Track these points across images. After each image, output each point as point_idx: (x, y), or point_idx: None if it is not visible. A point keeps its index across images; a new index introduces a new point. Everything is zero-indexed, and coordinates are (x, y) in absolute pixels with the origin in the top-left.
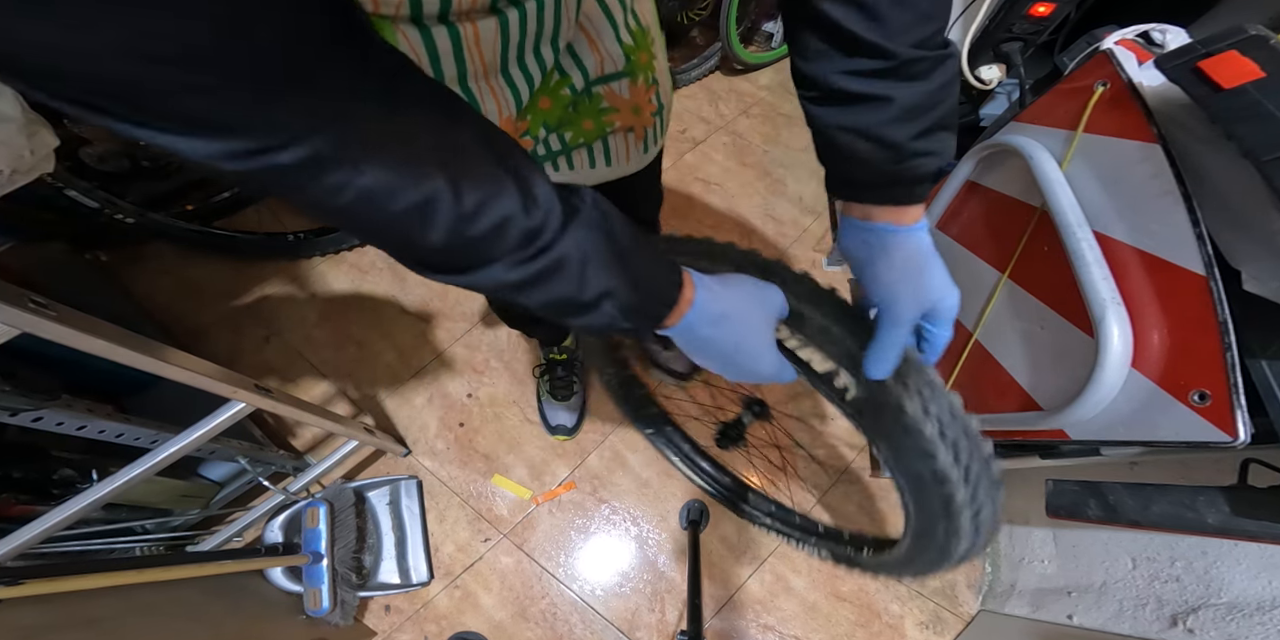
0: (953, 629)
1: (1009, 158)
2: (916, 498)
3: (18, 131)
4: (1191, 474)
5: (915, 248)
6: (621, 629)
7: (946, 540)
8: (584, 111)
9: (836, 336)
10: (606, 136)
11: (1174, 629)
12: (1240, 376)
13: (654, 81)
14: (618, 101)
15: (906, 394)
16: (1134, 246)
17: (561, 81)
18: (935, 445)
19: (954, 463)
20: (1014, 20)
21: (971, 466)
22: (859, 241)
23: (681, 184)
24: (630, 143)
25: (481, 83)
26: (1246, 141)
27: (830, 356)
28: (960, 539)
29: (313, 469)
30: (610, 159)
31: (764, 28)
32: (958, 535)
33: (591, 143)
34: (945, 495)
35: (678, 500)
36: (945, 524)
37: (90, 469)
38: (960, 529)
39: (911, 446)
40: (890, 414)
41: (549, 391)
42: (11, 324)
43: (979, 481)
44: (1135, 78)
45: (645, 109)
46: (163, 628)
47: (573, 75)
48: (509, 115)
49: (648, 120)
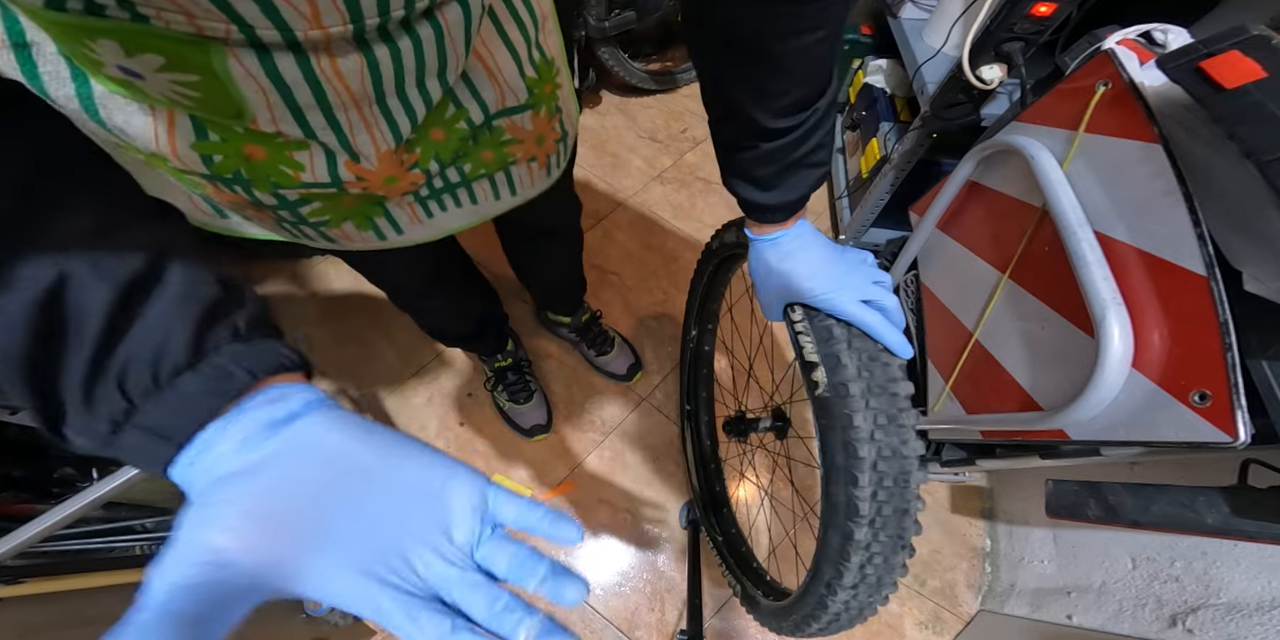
0: (952, 629)
1: (1010, 158)
2: (824, 522)
3: None
4: (1191, 474)
5: (791, 245)
6: (621, 628)
7: (828, 588)
8: (484, 143)
9: (837, 336)
10: (509, 167)
11: (1173, 629)
12: (1241, 377)
13: (558, 110)
14: (520, 133)
15: (863, 411)
16: (1135, 247)
17: (458, 114)
18: (863, 472)
19: (871, 498)
20: (1015, 20)
21: (885, 511)
22: (757, 255)
23: (682, 183)
24: (534, 169)
25: (351, 113)
26: (1248, 142)
27: (819, 352)
28: (840, 590)
29: None
30: (515, 188)
31: None
32: (839, 581)
33: (493, 173)
34: (847, 529)
35: (677, 499)
36: (835, 565)
37: (90, 467)
38: (844, 575)
39: (842, 464)
40: (840, 422)
41: (508, 399)
42: None
43: (885, 528)
44: (1137, 78)
45: (549, 137)
46: None
47: (470, 108)
48: (387, 148)
49: (551, 148)
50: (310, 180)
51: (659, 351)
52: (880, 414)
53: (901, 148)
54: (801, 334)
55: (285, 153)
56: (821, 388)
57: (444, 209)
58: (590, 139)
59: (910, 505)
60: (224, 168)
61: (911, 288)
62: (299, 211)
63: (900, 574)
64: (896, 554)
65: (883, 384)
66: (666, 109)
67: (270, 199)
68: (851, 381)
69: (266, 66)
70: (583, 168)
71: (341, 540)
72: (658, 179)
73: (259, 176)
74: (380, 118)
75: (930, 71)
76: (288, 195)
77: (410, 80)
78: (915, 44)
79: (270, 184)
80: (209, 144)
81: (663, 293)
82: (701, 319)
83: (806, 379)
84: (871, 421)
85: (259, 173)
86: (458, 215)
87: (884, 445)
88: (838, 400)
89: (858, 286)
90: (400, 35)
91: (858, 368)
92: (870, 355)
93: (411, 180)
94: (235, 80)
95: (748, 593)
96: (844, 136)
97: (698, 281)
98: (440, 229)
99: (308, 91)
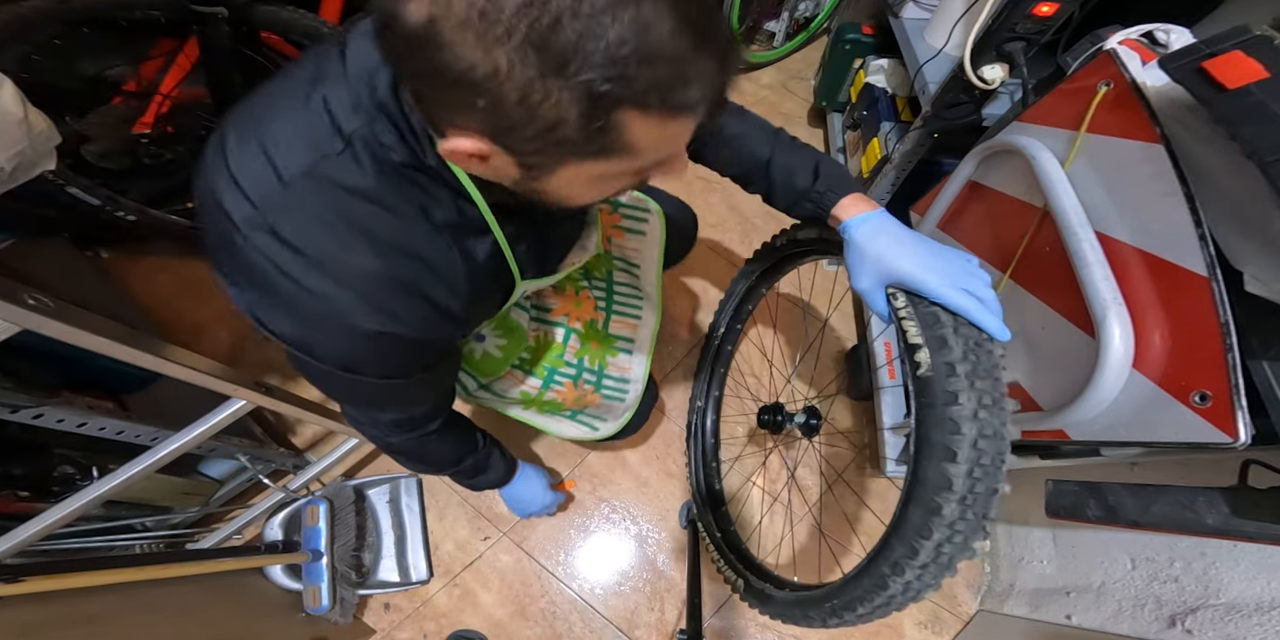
0: (951, 629)
1: (1011, 158)
2: (905, 499)
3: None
4: (1191, 475)
5: (888, 229)
6: (621, 627)
7: (894, 567)
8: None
9: (943, 321)
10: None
11: (1172, 629)
12: (1241, 378)
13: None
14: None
15: (968, 390)
16: (1136, 247)
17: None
18: (962, 449)
19: (967, 475)
20: (1017, 20)
21: (978, 488)
22: (853, 242)
23: (682, 183)
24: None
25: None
26: (1250, 142)
27: (924, 335)
28: (908, 569)
29: (313, 466)
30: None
31: (765, 27)
32: (911, 559)
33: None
34: (934, 505)
35: (677, 499)
36: (911, 542)
37: (90, 466)
38: (919, 552)
39: (940, 440)
40: (944, 400)
41: None
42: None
43: (973, 506)
44: (1139, 78)
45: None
46: (162, 625)
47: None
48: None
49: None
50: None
51: (659, 352)
52: (985, 395)
53: (902, 147)
54: (905, 319)
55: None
56: (924, 368)
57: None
58: None
59: (1000, 487)
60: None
61: None
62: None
63: (969, 556)
64: (975, 534)
65: (988, 368)
66: None
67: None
68: (958, 362)
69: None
70: None
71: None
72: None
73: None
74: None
75: (931, 71)
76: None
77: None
78: (916, 44)
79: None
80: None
81: (663, 292)
82: (734, 318)
83: (908, 361)
84: (976, 401)
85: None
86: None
87: (986, 424)
88: (941, 379)
89: (959, 275)
90: None
91: (964, 351)
92: (976, 341)
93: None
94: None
95: (753, 587)
96: (844, 136)
97: (741, 280)
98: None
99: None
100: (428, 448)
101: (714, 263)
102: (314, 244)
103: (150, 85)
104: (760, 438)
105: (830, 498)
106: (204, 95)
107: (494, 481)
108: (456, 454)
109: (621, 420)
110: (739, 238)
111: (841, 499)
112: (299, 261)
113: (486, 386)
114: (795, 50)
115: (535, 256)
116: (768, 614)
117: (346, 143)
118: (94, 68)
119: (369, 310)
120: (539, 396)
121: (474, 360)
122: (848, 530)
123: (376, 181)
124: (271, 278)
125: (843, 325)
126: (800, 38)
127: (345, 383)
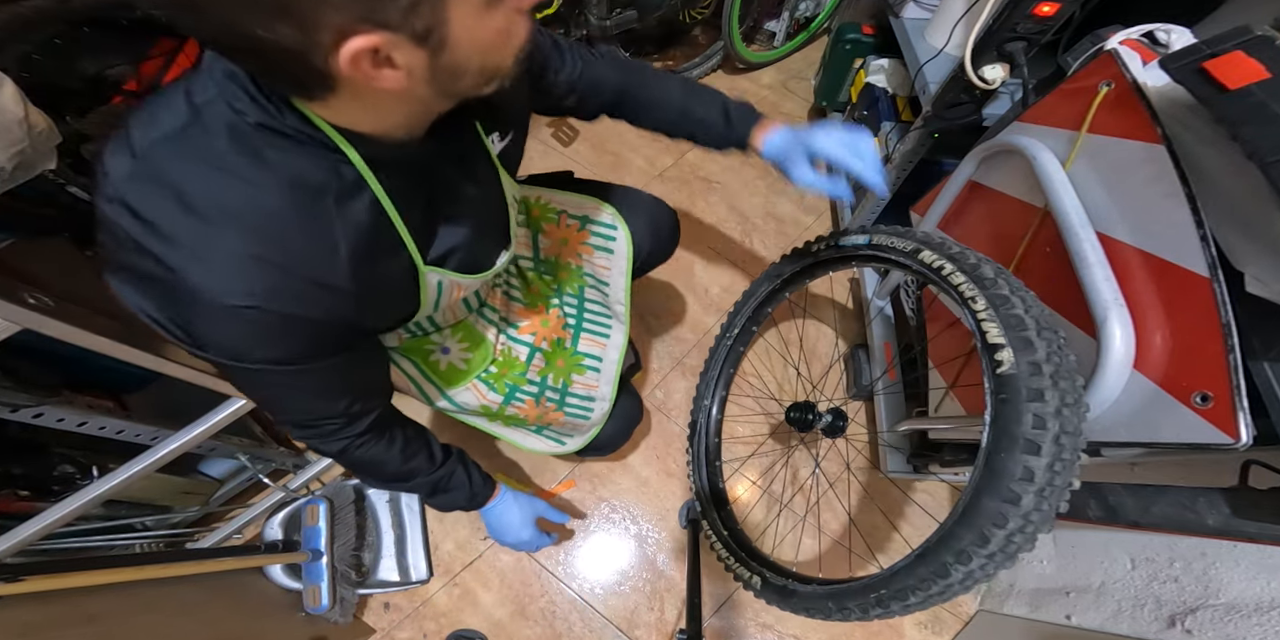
0: (951, 629)
1: (1012, 158)
2: (977, 489)
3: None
4: (1192, 475)
5: (794, 132)
6: (620, 627)
7: (958, 555)
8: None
9: (1027, 324)
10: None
11: (1172, 629)
12: (1243, 378)
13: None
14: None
15: (1052, 389)
16: (1137, 248)
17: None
18: (1046, 442)
19: (1048, 468)
20: (1018, 20)
21: (1056, 481)
22: (777, 155)
23: (683, 182)
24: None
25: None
26: (1251, 143)
27: (1006, 336)
28: (975, 558)
29: (313, 466)
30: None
31: (766, 27)
32: (980, 548)
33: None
34: (1011, 495)
35: (677, 499)
36: (981, 530)
37: (90, 465)
38: (989, 541)
39: (1020, 434)
40: (1028, 396)
41: None
42: (12, 320)
43: (1049, 497)
44: (1140, 78)
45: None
46: (162, 624)
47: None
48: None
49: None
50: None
51: (659, 351)
52: (1067, 394)
53: (903, 147)
54: (985, 320)
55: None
56: (1007, 366)
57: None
58: (591, 138)
59: (1073, 483)
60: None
61: (913, 288)
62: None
63: (1032, 549)
64: (1045, 525)
65: (1069, 371)
66: None
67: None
68: (1043, 362)
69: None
70: (583, 166)
71: None
72: (659, 178)
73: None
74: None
75: (932, 71)
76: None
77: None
78: (917, 43)
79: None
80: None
81: (663, 292)
82: (751, 319)
83: (988, 360)
84: (1059, 399)
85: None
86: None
87: (1067, 421)
88: (1026, 377)
89: (851, 142)
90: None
91: (1047, 353)
92: (1058, 345)
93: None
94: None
95: (772, 583)
96: None
97: (765, 282)
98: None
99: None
100: (368, 454)
101: (714, 262)
102: (165, 217)
103: (151, 84)
104: (772, 437)
105: (845, 495)
106: None
107: (460, 503)
108: (405, 468)
109: (588, 436)
110: (739, 237)
111: (853, 496)
112: (153, 237)
113: (449, 398)
114: (796, 50)
115: (438, 235)
116: (789, 609)
117: (196, 113)
118: (95, 67)
119: (234, 285)
120: (500, 412)
121: (439, 371)
122: (863, 527)
123: (231, 149)
124: (135, 260)
125: (844, 326)
126: (801, 37)
127: (246, 377)
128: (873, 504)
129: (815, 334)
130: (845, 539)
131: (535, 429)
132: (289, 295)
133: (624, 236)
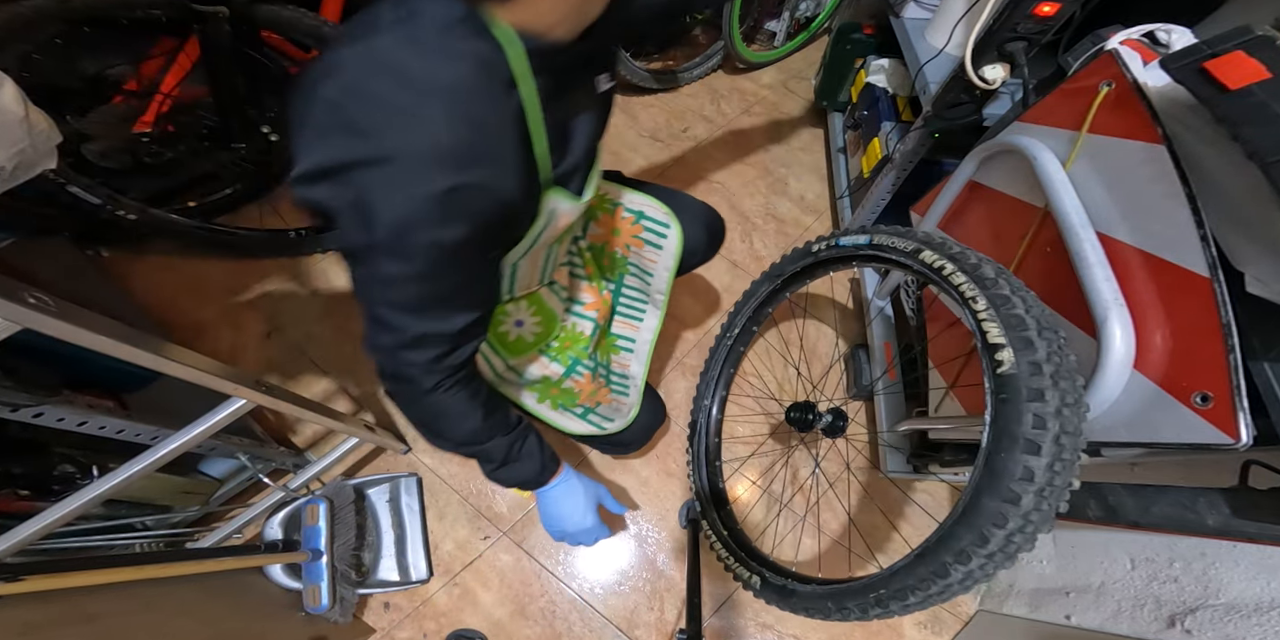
0: (951, 629)
1: (1012, 158)
2: (977, 489)
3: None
4: (1192, 475)
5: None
6: (620, 627)
7: (958, 555)
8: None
9: (1028, 324)
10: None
11: (1172, 630)
12: (1243, 378)
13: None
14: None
15: (1052, 389)
16: (1137, 248)
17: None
18: (1046, 442)
19: (1048, 467)
20: (1018, 20)
21: (1056, 481)
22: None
23: (684, 182)
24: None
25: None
26: (1252, 143)
27: (1006, 336)
28: (974, 557)
29: (313, 466)
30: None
31: (766, 26)
32: (979, 548)
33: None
34: (1012, 495)
35: (677, 499)
36: (981, 530)
37: (91, 465)
38: (989, 540)
39: (1020, 434)
40: (1029, 396)
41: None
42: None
43: (1049, 497)
44: (1140, 78)
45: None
46: (162, 624)
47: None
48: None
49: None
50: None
51: (659, 351)
52: (1067, 394)
53: (903, 147)
54: (985, 320)
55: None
56: (1007, 366)
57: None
58: None
59: (1073, 483)
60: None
61: (913, 288)
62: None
63: (1031, 549)
64: (1045, 525)
65: (1069, 371)
66: (668, 108)
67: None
68: (1044, 362)
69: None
70: None
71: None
72: (660, 178)
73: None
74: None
75: (932, 71)
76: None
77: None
78: (917, 43)
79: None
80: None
81: None
82: (751, 320)
83: (988, 359)
84: (1060, 399)
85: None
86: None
87: (1067, 421)
88: (1026, 377)
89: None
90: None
91: (1048, 353)
92: (1059, 345)
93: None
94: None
95: (771, 583)
96: (845, 136)
97: (765, 283)
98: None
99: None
100: (454, 399)
101: (714, 262)
102: (385, 89)
103: (151, 84)
104: (772, 437)
105: (844, 495)
106: (205, 94)
107: (528, 476)
108: (486, 424)
109: (628, 418)
110: (739, 237)
111: (853, 496)
112: (367, 106)
113: (513, 368)
114: (796, 50)
115: (563, 149)
116: (788, 609)
117: (411, 12)
118: (95, 67)
119: (437, 151)
120: (559, 382)
121: (507, 341)
122: (862, 527)
123: (439, 37)
124: (336, 136)
125: (844, 326)
126: (801, 37)
127: (390, 264)
128: (872, 504)
129: (815, 334)
130: (845, 539)
131: (582, 412)
132: (480, 165)
133: (675, 234)
